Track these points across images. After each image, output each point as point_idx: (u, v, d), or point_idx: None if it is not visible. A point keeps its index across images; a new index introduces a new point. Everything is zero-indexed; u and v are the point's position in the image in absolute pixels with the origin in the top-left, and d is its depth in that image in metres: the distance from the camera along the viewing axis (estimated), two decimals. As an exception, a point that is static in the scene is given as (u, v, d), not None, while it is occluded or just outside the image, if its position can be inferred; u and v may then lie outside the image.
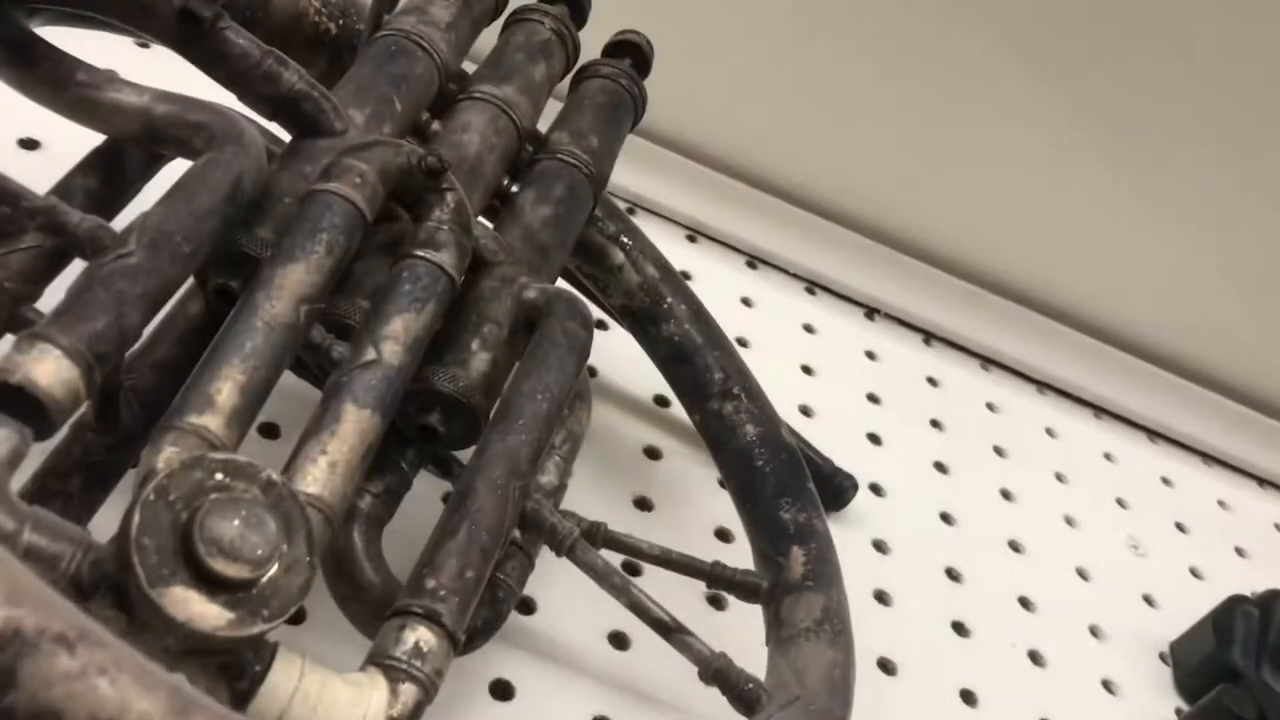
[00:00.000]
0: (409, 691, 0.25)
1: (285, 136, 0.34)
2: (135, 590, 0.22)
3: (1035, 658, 0.46)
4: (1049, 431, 0.58)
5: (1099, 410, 0.60)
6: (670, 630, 0.30)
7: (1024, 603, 0.48)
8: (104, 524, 0.25)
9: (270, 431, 0.40)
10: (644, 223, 0.50)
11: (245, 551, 0.23)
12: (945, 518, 0.50)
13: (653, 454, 0.46)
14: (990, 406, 0.57)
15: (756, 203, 0.60)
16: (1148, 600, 0.51)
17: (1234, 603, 0.48)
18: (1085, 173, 0.59)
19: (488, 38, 0.41)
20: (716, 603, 0.41)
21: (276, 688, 0.24)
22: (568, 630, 0.38)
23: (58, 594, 0.18)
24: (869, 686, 0.40)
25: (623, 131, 0.42)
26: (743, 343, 0.53)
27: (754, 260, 0.58)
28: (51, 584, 0.20)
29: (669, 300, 0.41)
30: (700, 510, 0.44)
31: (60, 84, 0.31)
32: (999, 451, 0.55)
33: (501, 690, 0.36)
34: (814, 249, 0.59)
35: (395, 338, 0.29)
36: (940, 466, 0.52)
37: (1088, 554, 0.51)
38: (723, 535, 0.44)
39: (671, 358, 0.41)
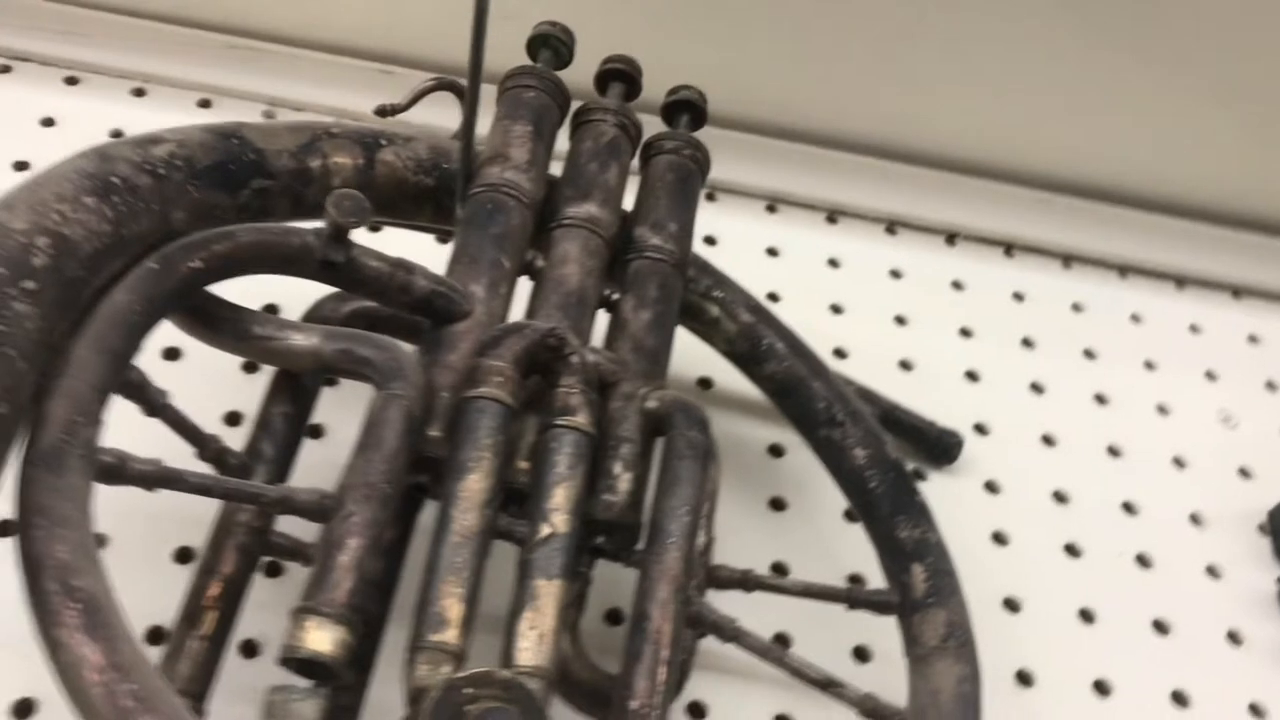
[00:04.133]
0: (637, 801, 0.33)
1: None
2: (434, 795, 0.30)
3: (1143, 561, 0.52)
4: (1135, 318, 0.62)
5: (1181, 281, 0.64)
6: (828, 685, 0.37)
7: (1127, 508, 0.54)
8: None
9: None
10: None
11: (505, 749, 0.30)
12: (1047, 440, 0.55)
13: (776, 451, 0.52)
14: (1076, 307, 0.62)
15: (833, 158, 0.64)
16: (1243, 473, 0.56)
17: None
18: (1132, 63, 0.61)
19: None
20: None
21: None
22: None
23: None
24: (997, 627, 0.48)
25: (695, 199, 0.46)
26: (837, 309, 0.59)
27: (834, 214, 0.63)
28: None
29: (766, 341, 0.47)
30: (828, 496, 0.51)
31: (241, 336, 0.37)
32: (1089, 354, 0.60)
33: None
34: (890, 190, 0.63)
35: (561, 508, 0.36)
36: (1036, 387, 0.58)
37: (1182, 440, 0.57)
38: (850, 516, 0.50)
39: (778, 392, 0.47)
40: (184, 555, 0.44)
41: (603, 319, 0.42)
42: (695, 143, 0.47)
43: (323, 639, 0.31)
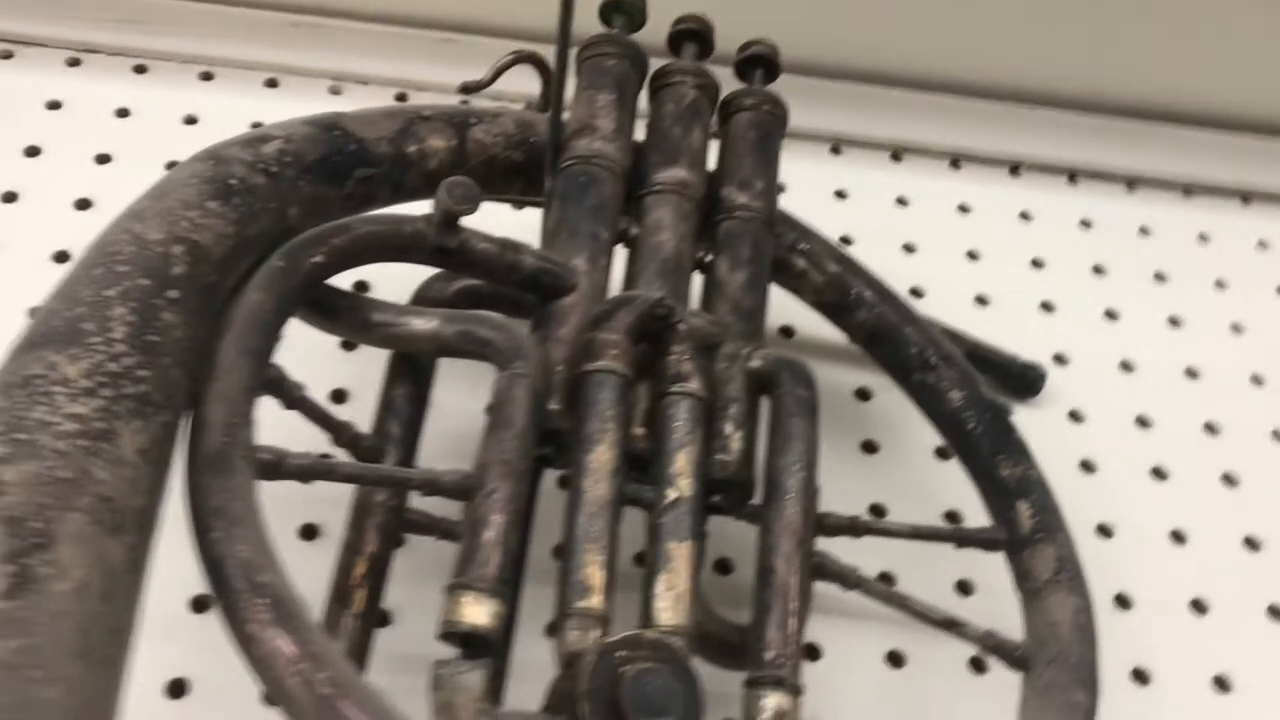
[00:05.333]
0: (783, 746, 0.35)
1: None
2: (596, 754, 0.32)
3: (1229, 479, 0.53)
4: (1202, 237, 0.62)
5: (1247, 197, 0.64)
6: (950, 625, 0.39)
7: (1209, 428, 0.55)
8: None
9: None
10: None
11: (662, 706, 0.32)
12: (1125, 366, 0.56)
13: (864, 395, 0.53)
14: (1143, 230, 0.62)
15: (894, 96, 0.64)
16: (1323, 386, 0.57)
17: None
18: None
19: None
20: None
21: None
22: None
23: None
24: (1091, 554, 0.48)
25: (777, 155, 0.47)
26: (909, 248, 0.59)
27: (898, 152, 0.63)
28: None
29: (854, 289, 0.48)
30: (918, 435, 0.52)
31: (362, 325, 0.38)
32: (1159, 277, 0.60)
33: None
34: (952, 124, 0.64)
35: (684, 472, 0.37)
36: (1110, 314, 0.58)
37: (1258, 358, 0.57)
38: (941, 454, 0.52)
39: (869, 340, 0.48)
40: (309, 532, 0.46)
41: (696, 280, 0.44)
42: (773, 98, 0.47)
43: (479, 613, 0.33)
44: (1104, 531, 0.51)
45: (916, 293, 0.57)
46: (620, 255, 0.43)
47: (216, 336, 0.33)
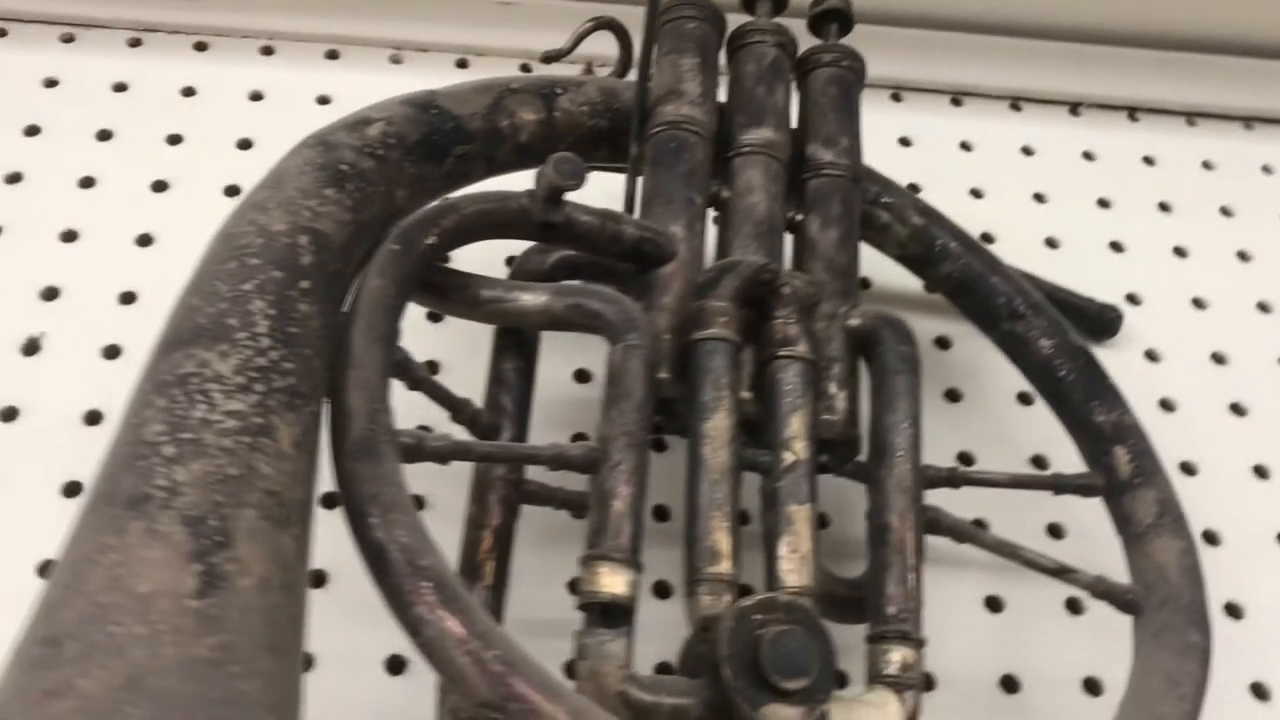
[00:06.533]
0: (912, 696, 0.36)
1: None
2: (741, 712, 0.33)
3: (1305, 413, 0.54)
4: (1265, 169, 0.62)
5: (1309, 126, 0.64)
6: (1062, 572, 0.40)
7: (1284, 362, 0.55)
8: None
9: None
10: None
11: (801, 666, 0.33)
12: (1197, 303, 0.57)
13: (944, 344, 0.54)
14: (1206, 165, 0.62)
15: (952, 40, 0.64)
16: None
17: None
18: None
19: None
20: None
21: (833, 732, 0.35)
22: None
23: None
24: (1177, 491, 0.50)
25: (858, 110, 0.47)
26: (976, 193, 0.59)
27: (958, 97, 0.63)
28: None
29: (940, 241, 0.48)
30: (1000, 381, 0.52)
31: (472, 302, 0.39)
32: (1225, 212, 0.60)
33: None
34: (1011, 65, 0.63)
35: (799, 435, 0.38)
36: (1179, 251, 0.58)
37: (1330, 292, 0.58)
38: (1024, 399, 0.52)
39: (956, 291, 0.48)
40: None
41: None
42: (851, 52, 0.47)
43: (617, 582, 0.34)
44: (1187, 470, 0.51)
45: (987, 238, 0.57)
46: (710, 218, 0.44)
47: (344, 324, 0.34)
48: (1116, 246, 0.58)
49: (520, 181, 0.40)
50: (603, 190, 0.44)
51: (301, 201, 0.35)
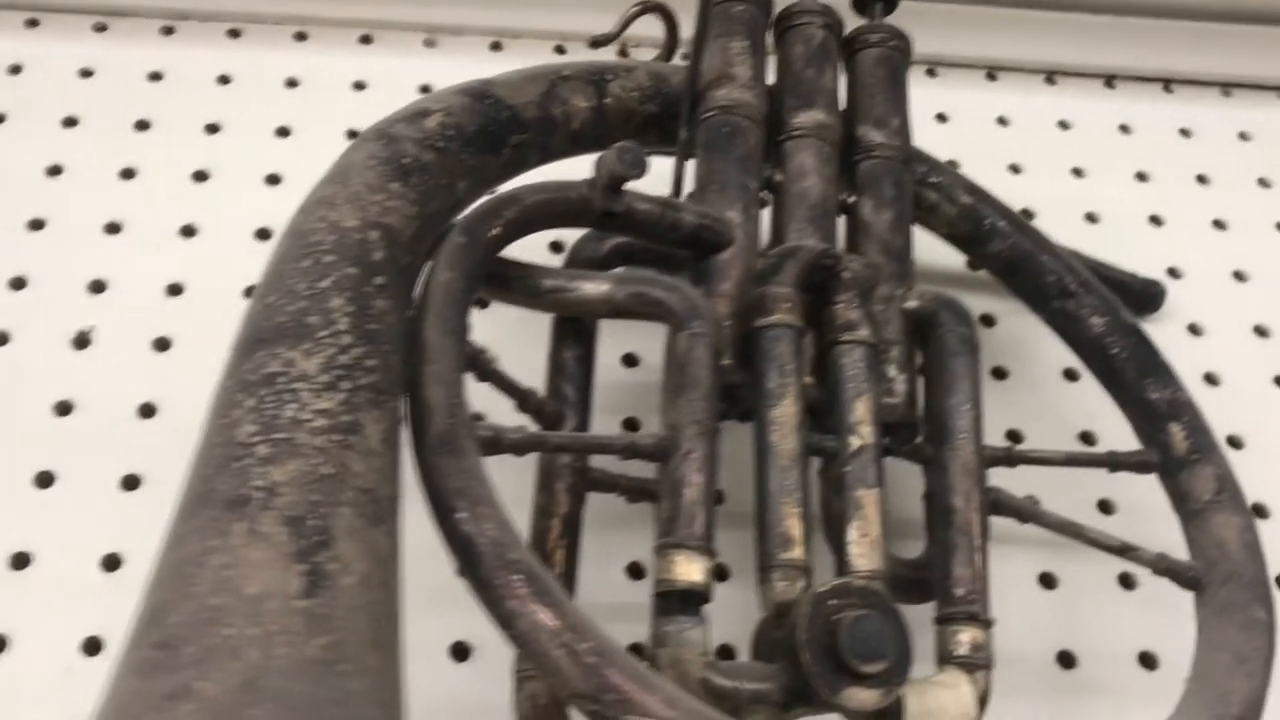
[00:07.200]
0: (982, 676, 0.36)
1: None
2: (820, 696, 0.33)
3: (1349, 385, 0.54)
4: (1303, 138, 0.62)
5: (1348, 94, 0.64)
6: (1124, 550, 0.40)
7: (1327, 334, 0.55)
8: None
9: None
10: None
11: (878, 650, 0.33)
12: (1238, 276, 0.57)
13: (989, 321, 0.54)
14: (1243, 135, 0.62)
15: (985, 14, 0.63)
16: None
17: None
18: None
19: None
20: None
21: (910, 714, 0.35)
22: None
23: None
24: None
25: (907, 90, 0.47)
26: (1015, 169, 0.59)
27: (992, 71, 0.63)
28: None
29: (988, 220, 0.48)
30: (1046, 358, 0.52)
31: (534, 292, 0.39)
32: (1263, 183, 0.60)
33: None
34: (1045, 39, 0.63)
35: (864, 420, 0.38)
36: (1218, 224, 0.59)
37: (1370, 259, 0.58)
38: (1070, 375, 0.52)
39: (1005, 270, 0.48)
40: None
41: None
42: (897, 32, 0.47)
43: (694, 570, 0.34)
44: (1234, 443, 0.51)
45: (1028, 214, 0.57)
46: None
47: (416, 318, 0.34)
48: (1156, 220, 0.58)
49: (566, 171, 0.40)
50: (652, 174, 0.44)
51: (369, 196, 0.35)
